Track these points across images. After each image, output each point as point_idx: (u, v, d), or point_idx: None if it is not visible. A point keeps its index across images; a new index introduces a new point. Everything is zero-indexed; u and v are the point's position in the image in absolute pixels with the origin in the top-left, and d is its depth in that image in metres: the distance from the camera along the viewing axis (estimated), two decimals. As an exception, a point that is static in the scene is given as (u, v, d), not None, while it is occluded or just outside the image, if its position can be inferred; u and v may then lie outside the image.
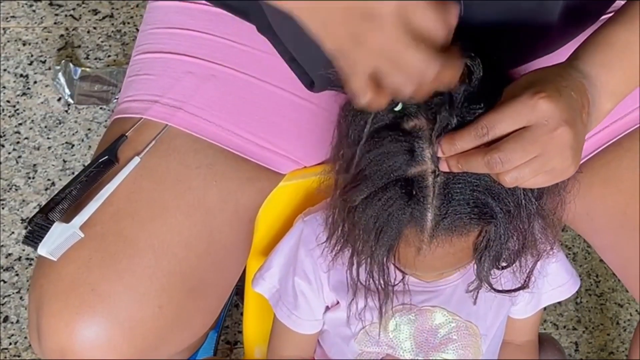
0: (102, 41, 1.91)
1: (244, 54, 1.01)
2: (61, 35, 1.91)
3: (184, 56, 1.02)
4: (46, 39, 1.90)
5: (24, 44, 1.89)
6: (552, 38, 0.95)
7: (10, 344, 1.58)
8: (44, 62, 1.87)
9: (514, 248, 0.87)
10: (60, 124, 1.80)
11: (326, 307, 1.05)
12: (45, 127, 1.80)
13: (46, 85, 1.84)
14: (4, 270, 1.64)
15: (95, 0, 1.95)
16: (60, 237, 0.91)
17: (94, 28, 1.92)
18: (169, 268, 0.95)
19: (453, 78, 0.74)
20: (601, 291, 1.69)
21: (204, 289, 1.00)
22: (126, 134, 0.98)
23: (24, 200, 1.72)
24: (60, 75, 1.82)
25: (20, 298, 1.62)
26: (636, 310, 1.67)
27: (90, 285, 0.91)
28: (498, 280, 0.92)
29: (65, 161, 1.76)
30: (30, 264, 1.65)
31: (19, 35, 1.90)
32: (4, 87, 1.83)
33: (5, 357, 1.57)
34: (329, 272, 1.00)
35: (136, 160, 0.96)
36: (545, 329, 1.64)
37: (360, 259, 0.89)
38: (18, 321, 1.60)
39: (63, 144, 1.78)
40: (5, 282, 1.63)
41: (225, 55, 1.02)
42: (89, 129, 1.80)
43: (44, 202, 0.95)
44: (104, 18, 1.93)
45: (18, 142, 1.78)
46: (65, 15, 1.93)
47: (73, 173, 1.74)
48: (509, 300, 1.04)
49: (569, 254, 1.72)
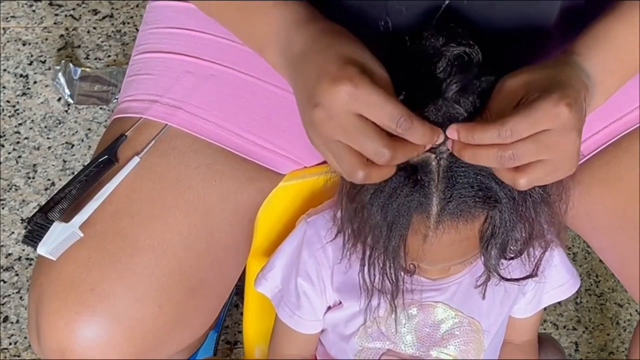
0: (102, 41, 1.91)
1: (244, 53, 1.01)
2: (61, 35, 1.91)
3: (184, 56, 1.02)
4: (46, 39, 1.90)
5: (24, 44, 1.89)
6: (550, 43, 0.95)
7: (10, 344, 1.58)
8: (44, 62, 1.87)
9: (522, 238, 0.87)
10: (60, 124, 1.80)
11: (328, 307, 1.05)
12: (45, 127, 1.80)
13: (46, 85, 1.84)
14: (4, 270, 1.64)
15: (95, 0, 1.95)
16: (59, 237, 0.91)
17: (94, 28, 1.92)
18: (168, 267, 0.95)
19: (416, 152, 0.79)
20: (601, 291, 1.69)
21: (204, 289, 1.00)
22: (126, 134, 0.98)
23: (24, 200, 1.72)
24: (60, 75, 1.82)
25: (20, 298, 1.62)
26: (636, 310, 1.67)
27: (89, 284, 0.91)
28: (507, 271, 0.92)
29: (65, 161, 1.77)
30: (30, 264, 1.65)
31: (19, 35, 1.90)
32: (4, 87, 1.83)
33: (5, 357, 1.57)
34: (332, 273, 1.00)
35: (136, 159, 0.96)
36: (545, 329, 1.64)
37: (373, 255, 0.89)
38: (18, 321, 1.60)
39: (63, 144, 1.78)
40: (5, 282, 1.63)
41: (225, 55, 1.02)
42: (89, 129, 1.80)
43: (44, 202, 0.94)
44: (104, 18, 1.93)
45: (18, 142, 1.78)
46: (65, 15, 1.93)
47: (73, 173, 1.74)
48: (512, 298, 1.04)
49: (569, 254, 1.72)
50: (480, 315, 1.02)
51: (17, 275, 1.64)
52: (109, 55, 1.89)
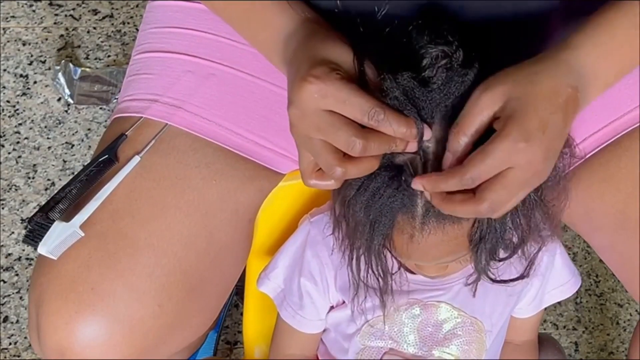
0: (102, 41, 1.91)
1: (244, 52, 1.01)
2: (61, 35, 1.91)
3: (184, 55, 1.02)
4: (46, 39, 1.90)
5: (24, 44, 1.89)
6: (551, 31, 0.94)
7: (10, 344, 1.58)
8: (44, 62, 1.87)
9: (514, 240, 0.87)
10: (60, 124, 1.80)
11: (330, 307, 1.05)
12: (45, 127, 1.80)
13: (46, 85, 1.84)
14: (4, 270, 1.64)
15: (95, 0, 1.95)
16: (60, 236, 0.91)
17: (94, 28, 1.92)
18: (168, 267, 0.95)
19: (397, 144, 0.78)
20: (601, 291, 1.69)
21: (204, 288, 1.00)
22: (126, 133, 0.98)
23: (24, 200, 1.72)
24: (60, 75, 1.82)
25: (20, 298, 1.62)
26: (636, 310, 1.67)
27: (90, 284, 0.91)
28: (505, 270, 0.91)
29: (65, 161, 1.77)
30: (30, 264, 1.65)
31: (19, 35, 1.90)
32: (4, 87, 1.84)
33: (5, 357, 1.57)
34: (336, 273, 1.00)
35: (136, 159, 0.96)
36: (545, 329, 1.64)
37: (359, 252, 0.89)
38: (18, 321, 1.60)
39: (63, 144, 1.78)
40: (5, 282, 1.63)
41: (225, 54, 1.02)
42: (89, 129, 1.80)
43: (44, 202, 0.95)
44: (104, 18, 1.94)
45: (18, 142, 1.78)
46: (65, 15, 1.93)
47: (73, 173, 1.74)
48: (515, 298, 1.04)
49: (569, 254, 1.71)
50: (482, 315, 1.02)
51: (17, 275, 1.64)
52: (109, 55, 1.89)
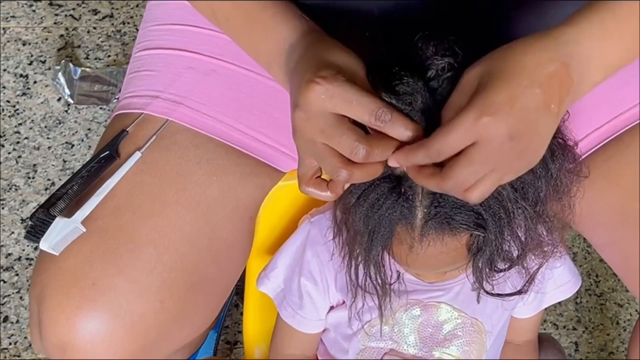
0: (102, 41, 1.91)
1: (245, 49, 1.02)
2: (61, 35, 1.91)
3: (185, 52, 1.02)
4: (46, 39, 1.90)
5: (24, 44, 1.89)
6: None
7: (10, 344, 1.58)
8: (44, 62, 1.87)
9: (514, 252, 0.87)
10: (60, 124, 1.80)
11: (330, 307, 1.05)
12: (45, 127, 1.80)
13: (46, 85, 1.84)
14: (4, 270, 1.64)
15: (95, 0, 1.95)
16: (62, 232, 0.91)
17: (94, 28, 1.92)
18: (170, 263, 0.95)
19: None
20: (601, 291, 1.69)
21: (205, 285, 1.00)
22: (127, 129, 0.98)
23: (24, 200, 1.72)
24: (60, 75, 1.82)
25: (20, 298, 1.62)
26: (636, 310, 1.67)
27: (91, 279, 0.91)
28: (505, 280, 0.91)
29: (65, 161, 1.77)
30: (30, 264, 1.65)
31: (19, 35, 1.90)
32: (4, 87, 1.84)
33: (5, 357, 1.56)
34: (336, 273, 1.00)
35: (137, 155, 0.96)
36: (545, 329, 1.64)
37: (358, 260, 0.89)
38: (18, 321, 1.60)
39: (63, 144, 1.78)
40: (5, 282, 1.63)
41: (226, 50, 1.02)
42: (89, 129, 1.80)
43: (43, 202, 0.95)
44: (104, 18, 1.94)
45: (18, 142, 1.78)
46: (65, 15, 1.93)
47: (73, 173, 1.73)
48: (515, 299, 1.04)
49: (569, 254, 1.72)
50: (483, 315, 1.02)
51: (17, 275, 1.64)
52: (109, 55, 1.89)
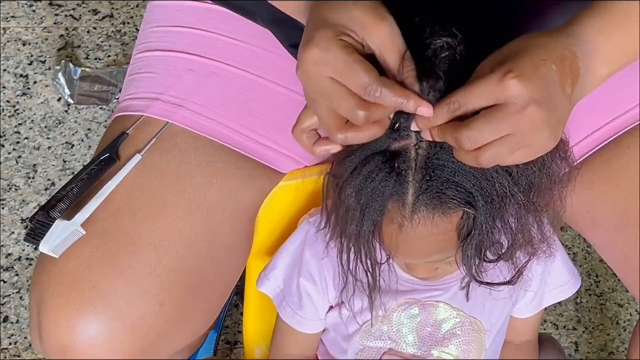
0: (102, 41, 1.91)
1: (245, 51, 1.02)
2: (61, 35, 1.91)
3: (185, 54, 1.02)
4: (46, 39, 1.90)
5: (24, 44, 1.89)
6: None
7: (10, 344, 1.58)
8: (44, 62, 1.87)
9: (505, 242, 0.87)
10: (60, 124, 1.80)
11: (330, 307, 1.05)
12: (45, 127, 1.80)
13: (46, 85, 1.84)
14: (4, 270, 1.64)
15: (95, 0, 1.95)
16: (61, 234, 0.91)
17: (94, 28, 1.92)
18: (170, 265, 0.95)
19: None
20: (601, 291, 1.69)
21: (205, 287, 1.00)
22: (127, 132, 0.98)
23: (24, 200, 1.72)
24: (60, 75, 1.82)
25: (20, 298, 1.62)
26: (636, 310, 1.67)
27: (91, 282, 0.91)
28: (494, 273, 0.91)
29: (65, 161, 1.77)
30: (30, 264, 1.65)
31: (19, 35, 1.90)
32: (4, 87, 1.84)
33: (5, 357, 1.57)
34: (334, 272, 1.00)
35: (137, 157, 0.96)
36: (545, 329, 1.64)
37: (349, 241, 0.88)
38: (18, 321, 1.60)
39: (63, 144, 1.78)
40: (5, 282, 1.63)
41: (226, 52, 1.02)
42: (89, 129, 1.80)
43: (44, 202, 0.95)
44: (104, 18, 1.94)
45: (18, 142, 1.78)
46: (65, 15, 1.93)
47: (73, 173, 1.74)
48: (514, 298, 1.04)
49: (569, 254, 1.71)
50: (481, 314, 1.02)
51: (17, 275, 1.64)
52: (109, 55, 1.89)
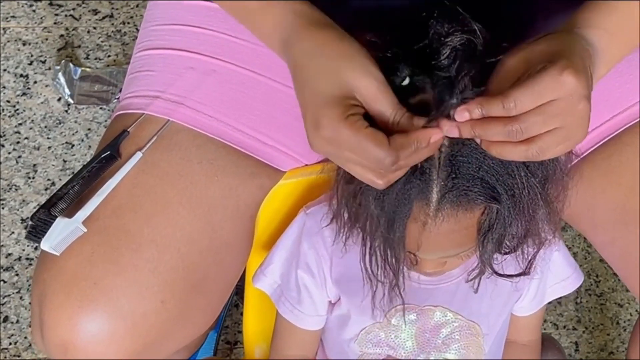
0: (102, 41, 1.91)
1: (245, 49, 1.02)
2: (61, 35, 1.91)
3: (185, 52, 1.02)
4: (46, 39, 1.90)
5: (24, 44, 1.89)
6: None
7: (10, 344, 1.58)
8: (44, 62, 1.87)
9: (518, 234, 0.87)
10: (60, 124, 1.80)
11: (329, 304, 1.05)
12: (45, 127, 1.80)
13: (46, 85, 1.84)
14: (4, 270, 1.64)
15: (95, 0, 1.95)
16: (63, 232, 0.91)
17: (94, 28, 1.92)
18: (171, 263, 0.95)
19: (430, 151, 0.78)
20: (601, 291, 1.69)
21: (206, 285, 1.00)
22: (128, 130, 0.98)
23: (24, 200, 1.72)
24: (60, 75, 1.82)
25: (20, 298, 1.62)
26: (636, 310, 1.67)
27: (92, 279, 0.91)
28: (500, 267, 0.92)
29: (65, 161, 1.77)
30: (30, 264, 1.65)
31: (19, 35, 1.90)
32: (4, 87, 1.84)
33: (5, 357, 1.56)
34: (331, 264, 1.00)
35: (138, 155, 0.96)
36: (545, 329, 1.64)
37: (374, 243, 0.88)
38: (18, 321, 1.60)
39: (63, 144, 1.78)
40: (5, 282, 1.63)
41: (226, 50, 1.02)
42: (89, 129, 1.80)
43: (44, 202, 0.95)
44: (104, 18, 1.94)
45: (18, 142, 1.78)
46: (65, 15, 1.93)
47: (73, 173, 1.73)
48: (513, 298, 1.04)
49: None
50: (479, 317, 1.02)
51: (17, 275, 1.64)
52: (109, 55, 1.89)
